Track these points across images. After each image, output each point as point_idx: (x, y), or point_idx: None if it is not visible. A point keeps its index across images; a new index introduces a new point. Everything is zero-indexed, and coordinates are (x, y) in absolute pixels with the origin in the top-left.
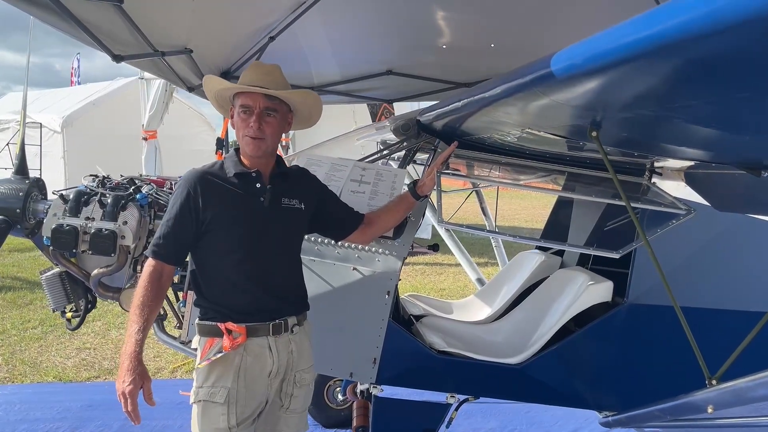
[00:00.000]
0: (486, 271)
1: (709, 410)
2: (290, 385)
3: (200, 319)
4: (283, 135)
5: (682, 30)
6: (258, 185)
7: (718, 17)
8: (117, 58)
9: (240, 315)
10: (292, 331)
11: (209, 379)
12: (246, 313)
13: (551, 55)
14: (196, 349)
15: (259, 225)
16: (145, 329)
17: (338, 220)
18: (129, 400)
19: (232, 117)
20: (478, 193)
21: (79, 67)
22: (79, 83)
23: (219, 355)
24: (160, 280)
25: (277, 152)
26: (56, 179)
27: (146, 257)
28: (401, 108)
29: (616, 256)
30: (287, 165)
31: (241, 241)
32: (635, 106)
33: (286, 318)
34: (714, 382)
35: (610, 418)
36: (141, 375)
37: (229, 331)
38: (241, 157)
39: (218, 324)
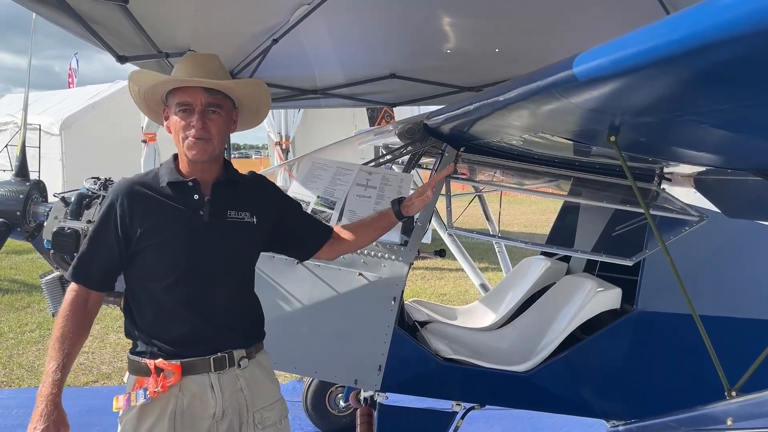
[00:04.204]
0: (486, 276)
1: (729, 422)
2: (251, 428)
3: (131, 353)
4: (283, 138)
5: (726, 29)
6: (195, 197)
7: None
8: (121, 59)
9: (174, 349)
10: (239, 366)
11: (140, 428)
12: (182, 346)
13: (572, 57)
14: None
15: (197, 243)
16: (66, 366)
17: (300, 236)
18: None
19: (166, 119)
20: (481, 198)
21: (78, 68)
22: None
23: (142, 401)
24: (86, 306)
25: (272, 156)
26: (54, 182)
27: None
28: (402, 112)
29: (629, 263)
30: (241, 172)
31: (175, 261)
32: (661, 111)
33: (231, 350)
34: (734, 393)
35: (619, 427)
36: (56, 422)
37: (159, 371)
38: (179, 163)
39: (146, 362)
